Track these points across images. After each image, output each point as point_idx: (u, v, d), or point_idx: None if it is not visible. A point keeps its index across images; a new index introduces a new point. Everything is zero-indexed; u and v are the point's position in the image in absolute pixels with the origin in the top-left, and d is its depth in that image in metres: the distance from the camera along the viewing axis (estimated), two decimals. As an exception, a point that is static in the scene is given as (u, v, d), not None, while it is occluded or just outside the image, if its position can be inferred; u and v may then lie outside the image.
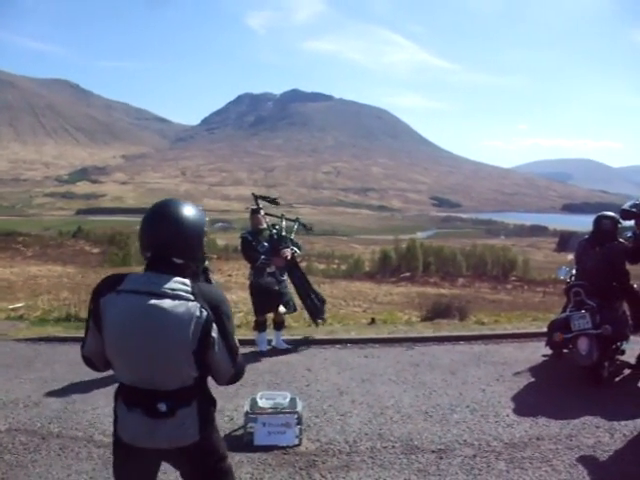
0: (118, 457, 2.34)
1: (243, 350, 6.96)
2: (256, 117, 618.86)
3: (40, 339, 8.23)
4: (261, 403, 4.59)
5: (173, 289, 2.10)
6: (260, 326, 7.41)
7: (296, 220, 8.13)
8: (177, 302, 2.08)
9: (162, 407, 2.15)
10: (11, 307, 12.45)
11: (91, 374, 6.41)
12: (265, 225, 7.41)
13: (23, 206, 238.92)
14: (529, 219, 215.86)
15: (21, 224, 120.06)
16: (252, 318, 8.15)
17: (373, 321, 9.70)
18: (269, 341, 7.47)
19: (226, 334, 2.19)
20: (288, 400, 4.65)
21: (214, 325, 2.13)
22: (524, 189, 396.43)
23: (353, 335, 8.20)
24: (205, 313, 2.10)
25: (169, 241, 2.16)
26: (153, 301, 2.08)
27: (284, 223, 7.72)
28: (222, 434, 4.62)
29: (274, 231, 7.45)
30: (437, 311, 10.52)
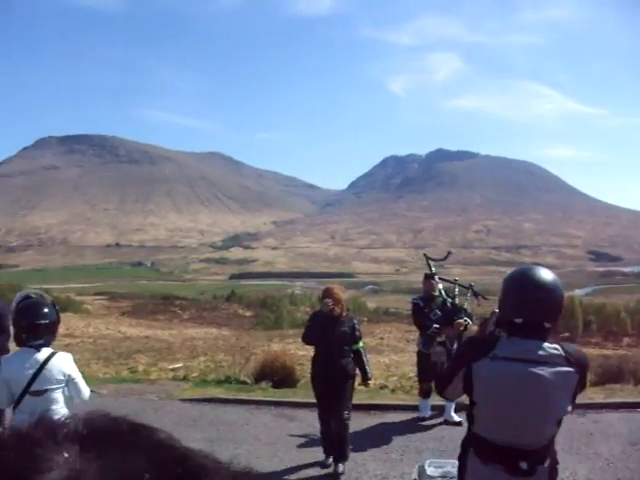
0: None
1: (405, 416, 6.95)
2: (402, 179, 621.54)
3: (204, 400, 8.52)
4: (429, 471, 4.46)
5: (550, 355, 2.24)
6: (425, 393, 7.28)
7: (470, 287, 7.69)
8: (556, 369, 2.22)
9: (524, 465, 2.28)
10: (171, 367, 13.26)
11: (255, 435, 6.66)
12: (438, 292, 7.22)
13: (180, 271, 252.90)
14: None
15: (178, 288, 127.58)
16: (406, 383, 8.05)
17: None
18: (432, 407, 7.30)
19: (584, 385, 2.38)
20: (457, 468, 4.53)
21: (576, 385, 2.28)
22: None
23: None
24: (578, 377, 2.24)
25: (544, 306, 2.31)
26: (531, 369, 2.22)
27: (457, 290, 7.49)
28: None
29: (449, 300, 7.23)
30: (608, 375, 9.82)
